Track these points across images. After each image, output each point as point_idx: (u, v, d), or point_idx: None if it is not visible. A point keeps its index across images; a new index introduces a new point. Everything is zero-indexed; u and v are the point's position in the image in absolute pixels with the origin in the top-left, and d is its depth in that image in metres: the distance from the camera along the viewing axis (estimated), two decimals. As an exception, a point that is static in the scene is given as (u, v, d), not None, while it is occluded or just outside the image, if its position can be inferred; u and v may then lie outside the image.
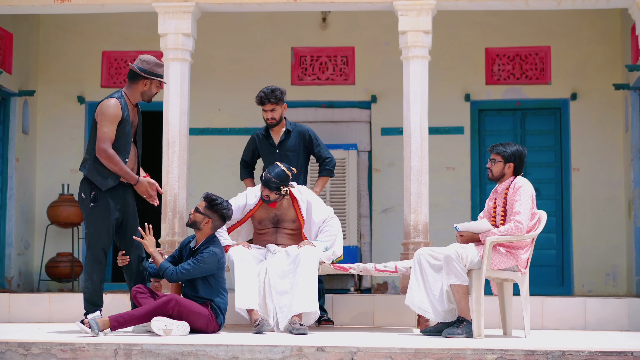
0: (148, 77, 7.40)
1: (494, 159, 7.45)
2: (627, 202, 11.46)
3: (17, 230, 11.65)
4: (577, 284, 11.68)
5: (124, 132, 7.30)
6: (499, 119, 12.12)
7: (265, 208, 8.03)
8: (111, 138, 7.23)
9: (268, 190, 7.88)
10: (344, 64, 12.18)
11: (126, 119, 7.30)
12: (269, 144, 8.61)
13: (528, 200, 7.23)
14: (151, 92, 7.48)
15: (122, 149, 7.31)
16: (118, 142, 7.29)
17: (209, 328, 7.25)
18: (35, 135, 12.20)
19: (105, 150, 7.20)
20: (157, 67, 7.46)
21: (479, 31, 12.04)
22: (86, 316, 7.29)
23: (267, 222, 8.05)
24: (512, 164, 7.42)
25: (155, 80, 7.46)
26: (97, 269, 7.32)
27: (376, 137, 12.04)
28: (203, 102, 11.85)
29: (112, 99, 7.32)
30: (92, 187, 7.29)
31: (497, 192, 7.48)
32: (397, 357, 6.02)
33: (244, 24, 12.19)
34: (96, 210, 7.29)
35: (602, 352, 5.97)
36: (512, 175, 7.43)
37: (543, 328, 8.56)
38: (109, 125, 7.23)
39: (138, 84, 7.44)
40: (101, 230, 7.30)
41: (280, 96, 8.40)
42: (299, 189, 8.09)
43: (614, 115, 11.79)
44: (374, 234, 11.94)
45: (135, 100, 7.48)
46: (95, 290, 7.31)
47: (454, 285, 7.12)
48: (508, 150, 7.43)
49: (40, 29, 12.36)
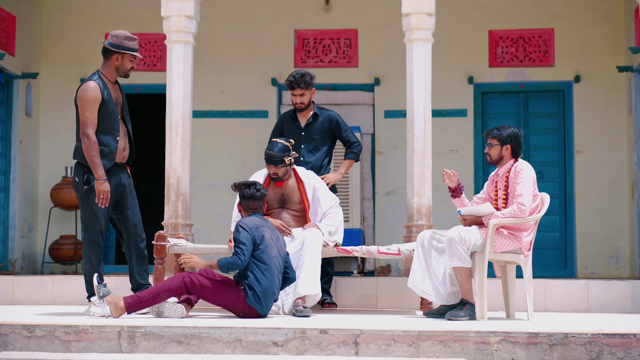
0: (117, 51, 7.36)
1: (491, 144, 7.47)
2: (630, 184, 11.46)
3: (21, 212, 11.66)
4: (580, 267, 11.69)
5: (108, 112, 7.27)
6: (502, 101, 12.10)
7: (272, 188, 8.05)
8: (93, 122, 7.20)
9: (274, 167, 7.91)
10: (347, 46, 12.15)
11: (107, 99, 7.25)
12: (295, 126, 8.63)
13: (530, 183, 7.23)
14: (125, 66, 7.42)
15: (110, 128, 7.28)
16: (105, 123, 7.26)
17: (237, 308, 7.13)
18: (38, 117, 12.19)
19: (87, 135, 7.18)
20: (127, 40, 7.39)
21: (482, 13, 12.01)
22: (89, 299, 7.31)
23: (273, 202, 8.07)
24: (509, 145, 7.42)
25: (128, 54, 7.39)
26: (94, 251, 7.34)
27: (379, 119, 12.03)
28: (206, 84, 11.85)
29: (90, 82, 7.29)
30: (85, 170, 7.29)
31: (498, 176, 7.47)
32: (400, 340, 6.03)
33: (247, 6, 12.16)
34: (90, 193, 7.28)
35: (605, 335, 5.98)
36: (511, 158, 7.43)
37: (546, 310, 8.58)
38: (90, 109, 7.21)
39: (110, 59, 7.40)
40: (96, 212, 7.29)
41: (309, 81, 8.44)
42: (307, 174, 8.11)
43: (617, 98, 11.76)
44: (377, 216, 11.94)
45: (113, 78, 7.42)
46: (95, 272, 7.33)
47: (457, 267, 7.13)
48: (503, 132, 7.43)
49: (43, 11, 12.33)
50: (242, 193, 7.51)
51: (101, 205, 7.22)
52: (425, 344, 6.02)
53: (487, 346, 5.98)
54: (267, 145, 8.16)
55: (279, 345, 6.07)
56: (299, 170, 8.12)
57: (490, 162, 7.51)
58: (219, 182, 11.86)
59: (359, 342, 6.05)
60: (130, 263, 7.54)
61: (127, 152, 7.50)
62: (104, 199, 7.22)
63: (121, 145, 7.37)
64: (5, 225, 11.46)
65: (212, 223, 11.32)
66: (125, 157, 7.49)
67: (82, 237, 7.44)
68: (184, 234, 8.79)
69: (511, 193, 7.29)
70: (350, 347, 6.04)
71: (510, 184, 7.31)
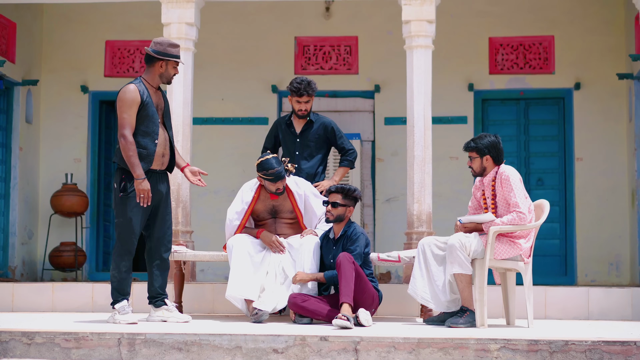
0: (162, 58, 7.38)
1: (471, 157, 7.46)
2: (630, 191, 11.46)
3: (21, 219, 11.65)
4: (581, 274, 11.68)
5: (147, 115, 7.24)
6: (503, 108, 12.10)
7: (262, 200, 8.00)
8: (130, 123, 7.18)
9: (281, 182, 7.84)
10: (348, 53, 12.16)
11: (147, 102, 7.24)
12: (291, 132, 8.62)
13: (520, 188, 7.22)
14: (169, 73, 7.43)
15: (149, 131, 7.25)
16: (144, 125, 7.23)
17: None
18: (39, 124, 12.20)
19: (124, 136, 7.15)
20: (170, 47, 7.41)
21: (483, 20, 12.02)
22: (113, 305, 7.25)
23: (265, 214, 8.02)
24: (489, 155, 7.41)
25: (172, 61, 7.41)
26: (125, 258, 7.27)
27: (379, 126, 12.04)
28: (206, 91, 11.86)
29: (129, 85, 7.30)
30: (123, 176, 7.26)
31: (484, 184, 7.46)
32: (400, 347, 6.03)
33: (247, 13, 12.17)
34: (125, 200, 7.23)
35: (605, 342, 5.97)
36: (493, 166, 7.42)
37: (546, 318, 8.57)
38: (127, 111, 7.19)
39: (154, 66, 7.40)
40: (130, 218, 7.23)
41: (315, 88, 8.47)
42: (296, 181, 8.06)
43: (617, 105, 11.77)
44: (377, 223, 11.94)
45: (156, 84, 7.42)
46: (123, 279, 7.27)
47: (458, 274, 7.12)
48: (480, 144, 7.41)
49: (44, 18, 12.35)
50: (354, 192, 7.67)
51: (143, 204, 7.18)
52: (426, 351, 6.01)
53: (487, 353, 5.98)
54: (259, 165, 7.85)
55: (279, 352, 6.07)
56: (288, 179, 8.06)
57: (475, 175, 7.51)
58: (219, 189, 11.86)
59: (359, 349, 6.05)
60: (150, 271, 7.48)
61: (167, 158, 7.45)
62: (145, 198, 7.18)
63: (160, 151, 7.32)
64: (6, 232, 11.45)
65: (212, 230, 11.30)
66: (164, 163, 7.43)
67: (114, 243, 7.39)
68: (184, 240, 8.79)
69: (501, 200, 7.27)
70: (351, 354, 6.04)
71: (497, 192, 7.29)
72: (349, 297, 7.01)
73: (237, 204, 7.98)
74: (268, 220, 8.03)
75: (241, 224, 7.91)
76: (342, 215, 7.53)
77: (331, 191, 7.59)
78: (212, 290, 8.76)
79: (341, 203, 7.51)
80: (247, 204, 7.93)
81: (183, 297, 8.36)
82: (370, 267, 7.57)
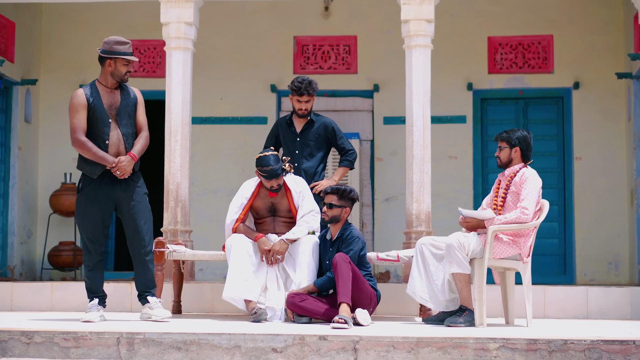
0: (109, 57, 7.36)
1: (500, 146, 7.51)
2: (629, 190, 11.46)
3: (20, 219, 11.65)
4: (580, 273, 11.69)
5: (95, 117, 7.25)
6: (502, 107, 12.10)
7: (262, 198, 8.01)
8: (81, 126, 7.22)
9: (276, 180, 7.86)
10: (347, 52, 12.16)
11: (94, 105, 7.24)
12: (291, 131, 8.62)
13: (535, 191, 7.24)
14: (119, 71, 7.35)
15: (99, 132, 7.26)
16: (94, 128, 7.26)
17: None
18: (38, 124, 12.20)
19: (77, 139, 7.21)
20: (117, 45, 7.35)
21: (482, 20, 12.02)
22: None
23: (264, 212, 8.03)
24: (518, 147, 7.46)
25: (120, 59, 7.36)
26: (87, 258, 7.37)
27: (378, 126, 12.04)
28: (205, 91, 11.86)
29: (78, 89, 7.36)
30: (80, 178, 7.33)
31: (504, 175, 7.49)
32: (399, 346, 6.03)
33: (246, 12, 12.17)
34: (79, 200, 7.35)
35: (604, 341, 5.98)
36: (520, 161, 7.46)
37: (545, 317, 8.57)
38: (75, 115, 7.24)
39: (104, 66, 7.39)
40: (83, 219, 7.32)
41: (316, 88, 8.47)
42: (294, 179, 8.07)
43: (616, 104, 11.77)
44: (376, 223, 11.94)
45: (110, 84, 7.36)
46: (89, 278, 7.35)
47: (456, 274, 7.12)
48: (512, 135, 7.48)
49: (43, 17, 12.35)
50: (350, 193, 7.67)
51: (124, 175, 7.24)
52: (424, 351, 6.01)
53: (486, 352, 5.98)
54: (257, 160, 7.90)
55: (278, 351, 6.07)
56: (287, 177, 8.07)
57: (500, 165, 7.52)
58: (218, 188, 11.87)
59: (358, 349, 6.05)
60: (134, 269, 7.49)
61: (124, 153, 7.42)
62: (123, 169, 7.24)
63: (114, 149, 7.29)
64: (4, 231, 11.45)
65: (211, 229, 11.30)
66: None
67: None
68: (183, 240, 8.80)
69: (513, 198, 7.29)
70: (350, 354, 6.04)
71: (510, 191, 7.31)
72: (347, 296, 7.01)
73: (237, 199, 8.01)
74: (267, 218, 8.04)
75: (239, 217, 7.91)
76: (337, 217, 7.54)
77: (327, 192, 7.59)
78: (211, 289, 8.76)
79: (337, 204, 7.52)
80: (247, 198, 7.97)
81: (182, 296, 8.37)
82: (368, 266, 7.57)
